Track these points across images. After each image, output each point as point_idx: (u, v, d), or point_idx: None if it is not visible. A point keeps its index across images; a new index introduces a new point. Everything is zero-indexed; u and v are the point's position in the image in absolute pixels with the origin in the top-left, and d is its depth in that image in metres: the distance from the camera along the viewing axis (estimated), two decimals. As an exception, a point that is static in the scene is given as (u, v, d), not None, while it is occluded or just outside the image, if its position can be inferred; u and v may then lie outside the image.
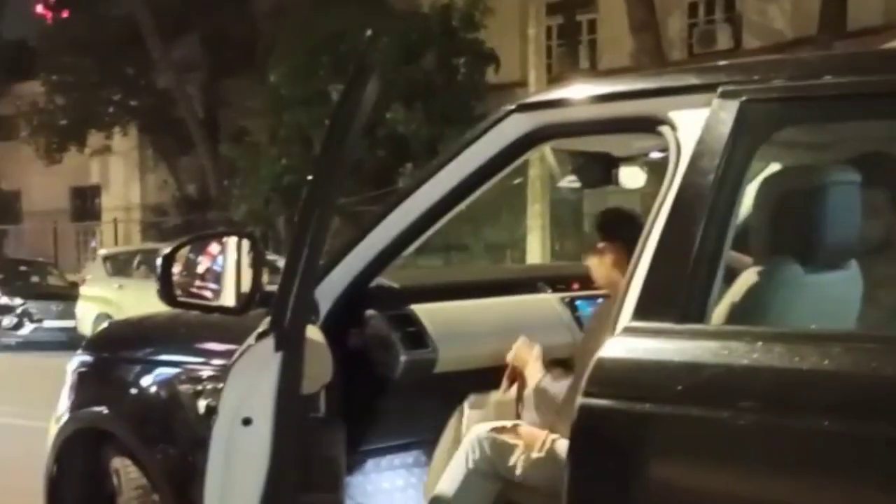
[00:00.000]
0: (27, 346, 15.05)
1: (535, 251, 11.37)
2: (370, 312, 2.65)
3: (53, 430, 3.31)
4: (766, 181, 2.11)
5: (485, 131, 2.40)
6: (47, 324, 15.59)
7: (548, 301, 3.09)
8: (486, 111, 15.26)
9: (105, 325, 3.61)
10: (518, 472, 2.47)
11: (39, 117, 20.83)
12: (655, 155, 2.83)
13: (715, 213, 1.95)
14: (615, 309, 2.02)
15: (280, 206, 18.74)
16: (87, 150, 21.43)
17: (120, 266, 14.45)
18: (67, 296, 15.63)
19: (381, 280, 2.69)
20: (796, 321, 2.01)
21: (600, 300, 2.98)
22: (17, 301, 15.66)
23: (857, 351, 1.76)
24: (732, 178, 1.97)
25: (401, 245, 2.55)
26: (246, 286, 2.50)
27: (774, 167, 2.20)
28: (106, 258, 15.33)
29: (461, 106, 16.19)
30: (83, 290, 14.82)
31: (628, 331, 1.95)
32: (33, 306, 15.59)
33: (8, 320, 15.53)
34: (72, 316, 14.94)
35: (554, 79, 13.53)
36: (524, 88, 14.42)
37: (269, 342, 1.80)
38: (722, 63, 2.11)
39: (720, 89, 1.99)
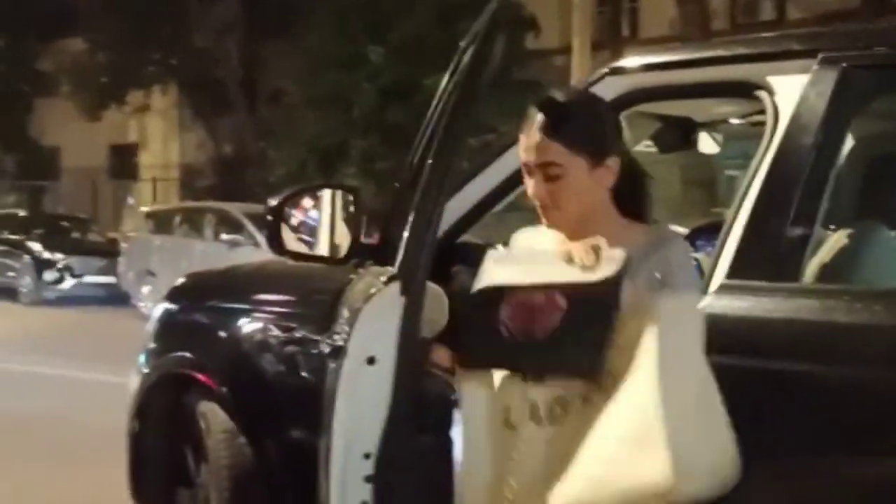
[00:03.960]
0: (67, 300, 15.28)
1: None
2: (457, 268, 2.73)
3: (135, 380, 3.42)
4: (859, 146, 2.18)
5: (578, 94, 2.46)
6: (88, 279, 15.79)
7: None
8: (524, 77, 15.23)
9: (186, 275, 3.71)
10: None
11: (80, 75, 21.01)
12: (734, 121, 2.89)
13: (812, 176, 2.01)
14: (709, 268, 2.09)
15: (316, 170, 18.84)
16: (126, 109, 21.63)
17: (162, 224, 14.64)
18: (108, 252, 15.85)
19: (468, 237, 2.77)
20: (886, 281, 2.08)
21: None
22: (59, 256, 15.88)
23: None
24: (830, 144, 2.03)
25: (488, 204, 2.63)
26: (339, 238, 2.61)
27: (868, 133, 2.26)
28: (149, 215, 15.55)
29: (499, 72, 16.12)
30: (125, 246, 15.02)
31: (724, 288, 2.03)
32: (74, 261, 15.79)
33: (49, 275, 15.75)
34: (112, 272, 15.15)
35: (596, 46, 13.47)
36: (564, 55, 14.37)
37: (396, 287, 1.89)
38: (823, 29, 2.17)
39: (821, 55, 2.04)
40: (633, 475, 1.67)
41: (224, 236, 13.05)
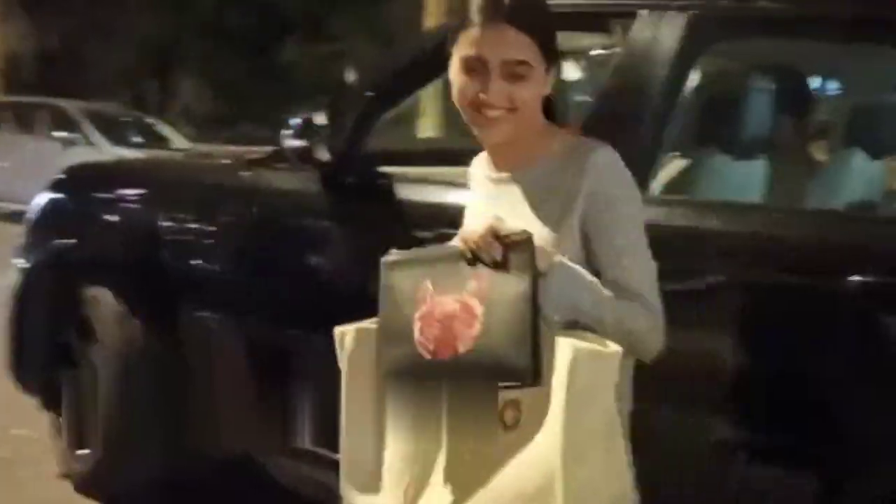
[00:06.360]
0: None
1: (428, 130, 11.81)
2: None
3: (13, 270, 3.53)
4: (700, 84, 2.59)
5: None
6: None
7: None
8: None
9: (70, 167, 3.79)
10: None
11: None
12: (595, 52, 3.28)
13: (661, 106, 2.40)
14: None
15: (150, 71, 18.35)
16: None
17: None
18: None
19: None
20: (717, 196, 2.51)
21: None
22: None
23: (765, 217, 2.29)
24: (676, 79, 2.41)
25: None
26: None
27: (708, 73, 2.67)
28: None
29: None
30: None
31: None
32: None
33: None
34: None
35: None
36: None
37: None
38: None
39: (674, 4, 2.42)
40: None
41: (57, 133, 12.63)
